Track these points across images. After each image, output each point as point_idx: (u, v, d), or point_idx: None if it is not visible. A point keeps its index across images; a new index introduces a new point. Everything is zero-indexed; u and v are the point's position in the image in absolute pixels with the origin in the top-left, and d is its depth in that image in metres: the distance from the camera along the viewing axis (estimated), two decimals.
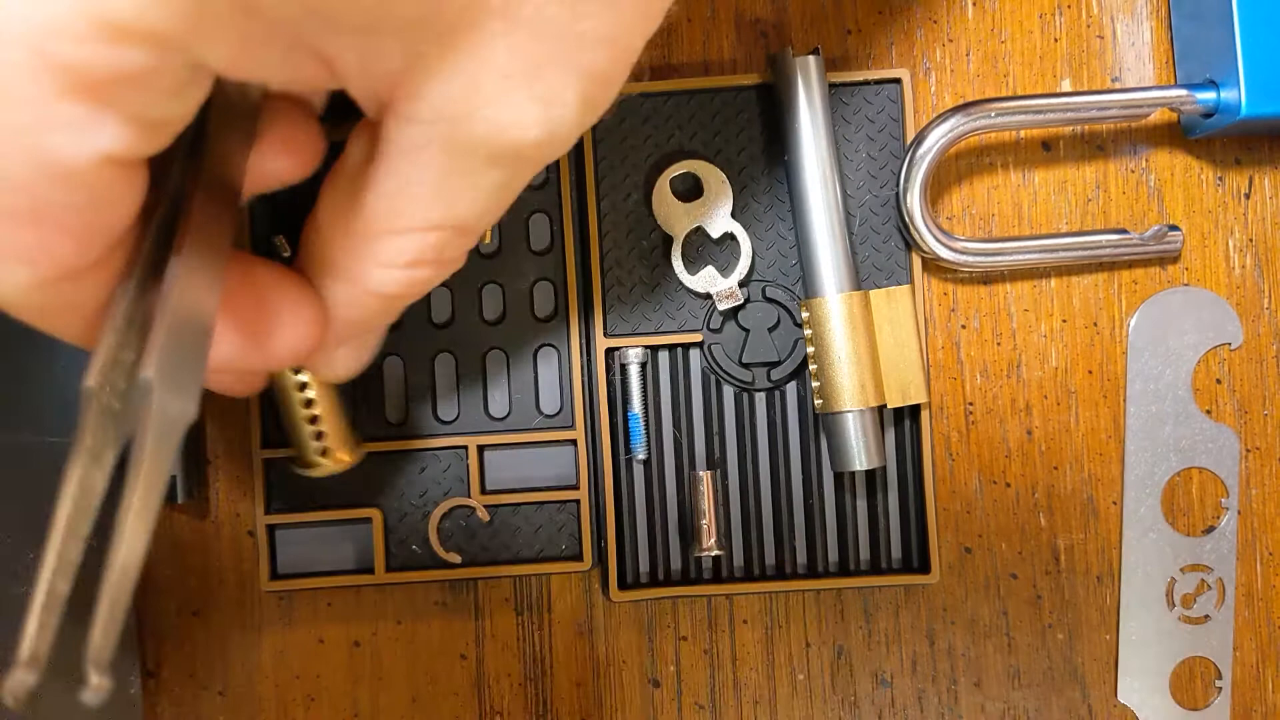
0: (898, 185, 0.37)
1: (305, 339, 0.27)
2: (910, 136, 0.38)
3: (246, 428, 0.39)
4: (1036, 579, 0.40)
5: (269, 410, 0.37)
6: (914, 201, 0.37)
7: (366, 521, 0.38)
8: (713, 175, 0.38)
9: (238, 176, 0.25)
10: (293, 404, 0.34)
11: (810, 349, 0.36)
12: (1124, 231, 0.39)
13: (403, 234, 0.25)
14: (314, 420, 0.34)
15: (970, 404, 0.40)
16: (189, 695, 0.39)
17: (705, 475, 0.38)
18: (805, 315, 0.37)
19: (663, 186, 0.38)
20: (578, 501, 0.38)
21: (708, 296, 0.38)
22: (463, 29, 0.21)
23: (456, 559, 0.38)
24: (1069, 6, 0.40)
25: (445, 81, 0.22)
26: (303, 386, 0.33)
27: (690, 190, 0.38)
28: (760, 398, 0.39)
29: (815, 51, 0.36)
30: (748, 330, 0.38)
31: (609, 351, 0.38)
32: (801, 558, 0.39)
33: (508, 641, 0.40)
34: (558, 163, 0.38)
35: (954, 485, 0.40)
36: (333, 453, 0.35)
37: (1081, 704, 0.40)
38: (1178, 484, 0.40)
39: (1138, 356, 0.39)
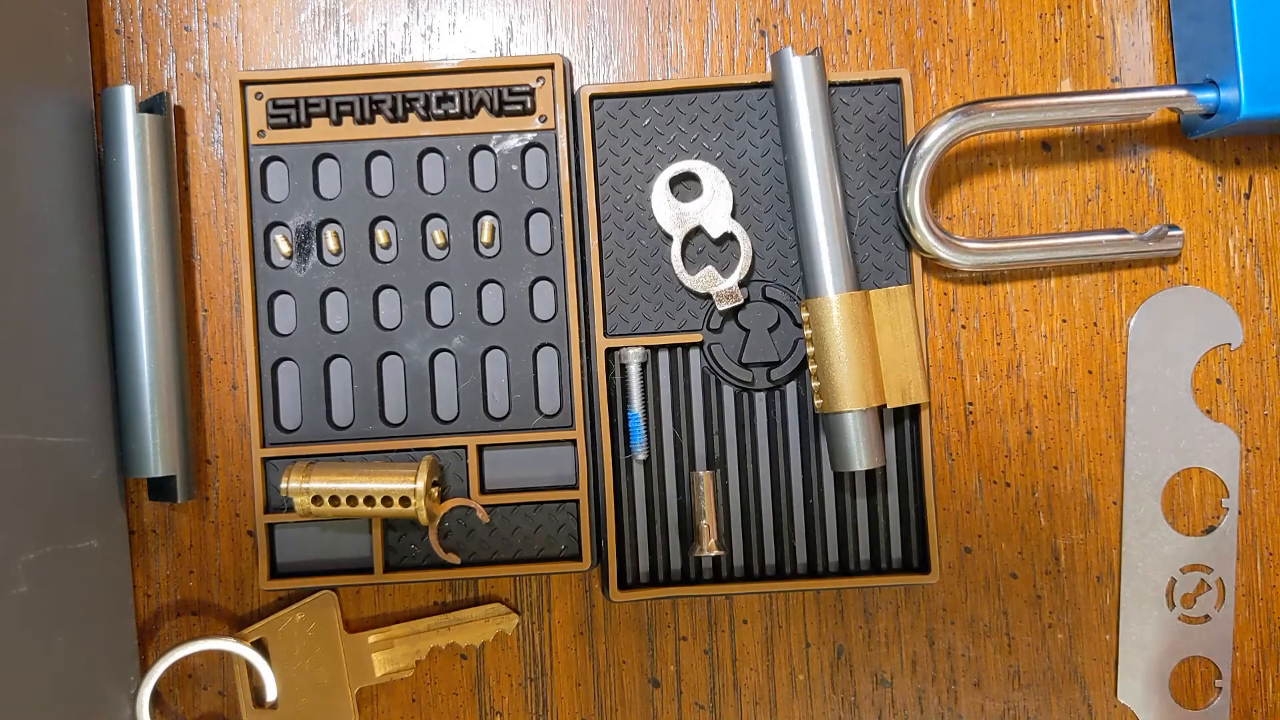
0: (898, 185, 0.37)
1: None
2: (910, 136, 0.38)
3: (246, 427, 0.39)
4: (1036, 579, 0.40)
5: (269, 410, 0.38)
6: (914, 201, 0.37)
7: (365, 521, 0.38)
8: (713, 175, 0.38)
9: None
10: None
11: (810, 349, 0.36)
12: (1124, 231, 0.39)
13: None
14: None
15: (970, 404, 0.40)
16: (189, 695, 0.39)
17: (705, 475, 0.38)
18: (805, 315, 0.36)
19: (662, 186, 0.38)
20: (577, 501, 0.38)
21: (708, 296, 0.38)
22: None
23: (456, 559, 0.38)
24: (1069, 6, 0.40)
25: None
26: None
27: (690, 190, 0.38)
28: (760, 398, 0.39)
29: (815, 51, 0.36)
30: (748, 330, 0.38)
31: (609, 351, 0.38)
32: (801, 558, 0.39)
33: (508, 641, 0.40)
34: (557, 162, 0.38)
35: (954, 485, 0.40)
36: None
37: (1081, 704, 0.40)
38: (1178, 484, 0.40)
39: (1138, 356, 0.39)
